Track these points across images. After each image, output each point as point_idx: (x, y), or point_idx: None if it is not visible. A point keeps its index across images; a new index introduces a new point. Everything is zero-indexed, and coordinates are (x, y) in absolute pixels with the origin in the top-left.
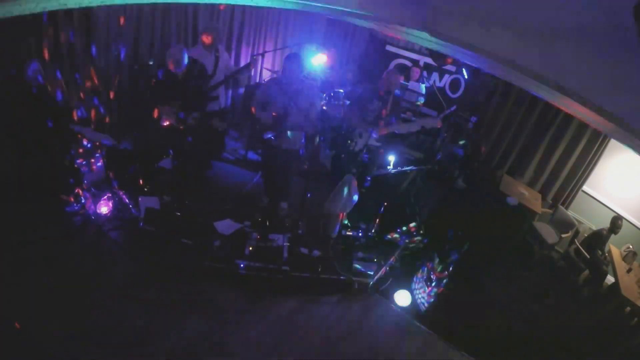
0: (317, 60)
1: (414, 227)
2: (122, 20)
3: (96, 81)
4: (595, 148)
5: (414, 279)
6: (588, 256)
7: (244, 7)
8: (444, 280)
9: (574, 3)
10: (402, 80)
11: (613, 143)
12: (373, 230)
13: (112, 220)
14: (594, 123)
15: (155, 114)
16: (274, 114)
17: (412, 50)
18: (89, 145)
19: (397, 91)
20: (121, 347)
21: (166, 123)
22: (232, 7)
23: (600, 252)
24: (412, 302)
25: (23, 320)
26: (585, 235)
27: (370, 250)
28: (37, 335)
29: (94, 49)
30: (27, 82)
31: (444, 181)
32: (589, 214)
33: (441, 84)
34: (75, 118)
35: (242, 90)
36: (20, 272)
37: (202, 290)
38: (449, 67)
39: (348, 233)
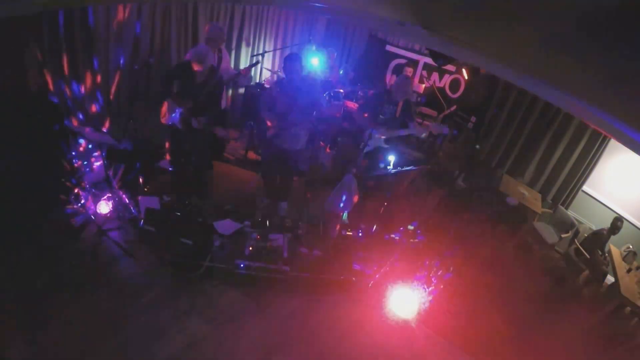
0: (317, 60)
1: (414, 227)
2: (121, 20)
3: (96, 81)
4: (595, 148)
5: (414, 279)
6: (588, 256)
7: (244, 7)
8: (444, 280)
9: None
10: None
11: (613, 143)
12: (373, 230)
13: (112, 220)
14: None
15: (164, 108)
16: (269, 123)
17: (412, 50)
18: (89, 145)
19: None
20: (121, 348)
21: (171, 122)
22: (232, 7)
23: (600, 252)
24: (412, 302)
25: (22, 320)
26: (585, 235)
27: (370, 250)
28: (37, 335)
29: (94, 49)
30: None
31: (444, 181)
32: (589, 214)
33: (441, 84)
34: (75, 118)
35: (242, 90)
36: (20, 273)
37: (202, 290)
38: (448, 67)
39: (348, 233)
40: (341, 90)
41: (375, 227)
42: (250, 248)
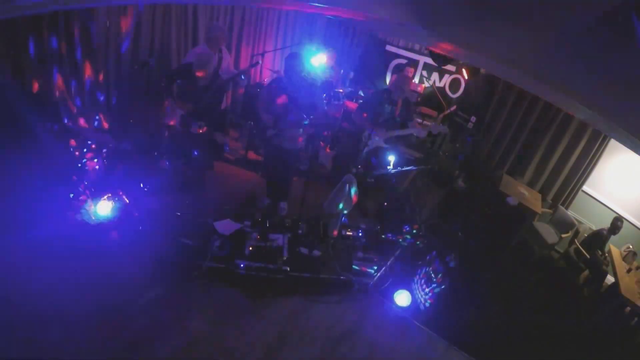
0: (317, 60)
1: (414, 227)
2: (122, 20)
3: (96, 81)
4: (595, 148)
5: (414, 279)
6: (588, 256)
7: (244, 8)
8: (444, 280)
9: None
10: (412, 86)
11: (613, 143)
12: (373, 230)
13: (113, 221)
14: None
15: (165, 108)
16: (279, 100)
17: (412, 50)
18: (89, 145)
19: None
20: (122, 348)
21: (171, 122)
22: (232, 7)
23: (600, 252)
24: (412, 302)
25: (23, 321)
26: (585, 235)
27: (370, 250)
28: (38, 335)
29: (94, 49)
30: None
31: (444, 181)
32: (589, 214)
33: (441, 84)
34: (75, 118)
35: (242, 90)
36: (20, 273)
37: (202, 290)
38: (448, 67)
39: (348, 233)
40: (341, 90)
41: (375, 227)
42: (250, 248)
